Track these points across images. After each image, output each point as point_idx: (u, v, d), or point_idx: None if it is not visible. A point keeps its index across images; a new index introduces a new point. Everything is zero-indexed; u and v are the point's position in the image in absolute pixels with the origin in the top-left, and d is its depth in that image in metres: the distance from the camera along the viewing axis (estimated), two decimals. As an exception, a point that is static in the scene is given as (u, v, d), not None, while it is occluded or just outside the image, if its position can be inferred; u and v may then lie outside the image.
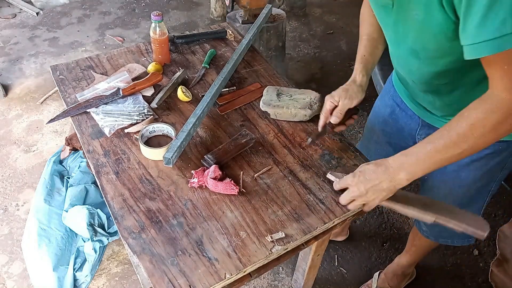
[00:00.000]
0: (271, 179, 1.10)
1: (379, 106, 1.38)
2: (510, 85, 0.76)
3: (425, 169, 0.90)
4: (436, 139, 0.87)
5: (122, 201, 1.03)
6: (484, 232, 0.95)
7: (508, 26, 0.69)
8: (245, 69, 1.48)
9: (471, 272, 1.90)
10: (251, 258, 0.92)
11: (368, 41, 1.16)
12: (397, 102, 1.26)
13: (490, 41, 0.72)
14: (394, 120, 1.28)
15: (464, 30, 0.75)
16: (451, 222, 0.97)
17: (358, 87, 1.13)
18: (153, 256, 0.92)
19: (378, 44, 1.16)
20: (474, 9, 0.71)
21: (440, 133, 0.88)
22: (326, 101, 1.14)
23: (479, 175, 1.16)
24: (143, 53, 1.51)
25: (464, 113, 0.84)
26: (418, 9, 0.83)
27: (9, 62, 2.92)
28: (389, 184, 0.94)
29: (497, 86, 0.78)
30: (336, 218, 1.02)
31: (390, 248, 1.97)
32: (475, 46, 0.74)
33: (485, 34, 0.72)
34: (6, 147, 2.32)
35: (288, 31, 3.39)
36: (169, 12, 3.57)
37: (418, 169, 0.91)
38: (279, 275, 1.83)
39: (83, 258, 1.77)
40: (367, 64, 1.15)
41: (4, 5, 3.50)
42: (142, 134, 1.15)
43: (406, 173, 0.92)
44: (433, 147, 0.87)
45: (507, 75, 0.76)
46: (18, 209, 2.02)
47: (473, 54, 0.76)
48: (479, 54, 0.75)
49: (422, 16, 0.83)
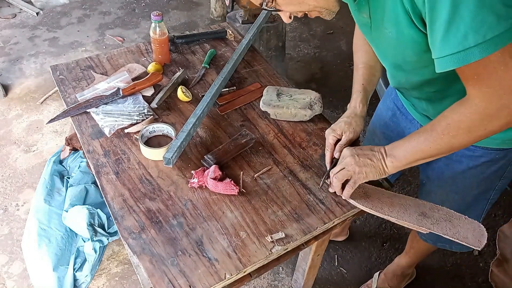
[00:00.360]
0: (271, 179, 1.10)
1: (381, 109, 1.38)
2: (481, 94, 0.78)
3: (409, 160, 0.95)
4: (420, 134, 0.92)
5: (122, 201, 1.03)
6: (479, 246, 0.97)
7: (470, 40, 0.70)
8: (245, 69, 1.48)
9: (471, 272, 1.90)
10: (251, 258, 0.92)
11: (366, 69, 1.16)
12: (398, 105, 1.26)
13: (454, 54, 0.73)
14: (395, 124, 1.29)
15: (431, 44, 0.77)
16: (447, 235, 0.98)
17: (360, 118, 1.13)
18: (153, 256, 0.92)
19: (375, 72, 1.17)
20: (437, 24, 0.72)
21: (424, 128, 0.92)
22: (328, 136, 1.11)
23: (476, 183, 1.16)
24: (143, 53, 1.51)
25: (445, 113, 0.88)
26: (390, 27, 0.85)
27: (9, 62, 2.92)
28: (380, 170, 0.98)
29: (471, 93, 0.81)
30: (336, 218, 1.02)
31: (390, 248, 1.97)
32: (442, 60, 0.76)
33: (448, 48, 0.73)
34: (6, 147, 2.32)
35: (288, 31, 3.39)
36: (169, 12, 3.57)
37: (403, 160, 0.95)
38: (279, 275, 1.83)
39: (83, 258, 1.77)
40: (366, 93, 1.16)
41: (4, 5, 3.50)
42: (142, 134, 1.15)
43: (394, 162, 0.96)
44: (417, 141, 0.92)
45: (477, 84, 0.78)
46: (18, 209, 2.02)
47: (441, 67, 0.77)
48: (446, 67, 0.76)
49: (394, 34, 0.85)
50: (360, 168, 0.99)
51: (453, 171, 1.16)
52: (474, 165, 1.11)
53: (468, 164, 1.11)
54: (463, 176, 1.15)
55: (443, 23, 0.71)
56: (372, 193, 1.07)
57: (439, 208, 1.04)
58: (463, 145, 0.88)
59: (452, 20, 0.70)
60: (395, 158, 0.96)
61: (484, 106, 0.79)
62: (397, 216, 1.01)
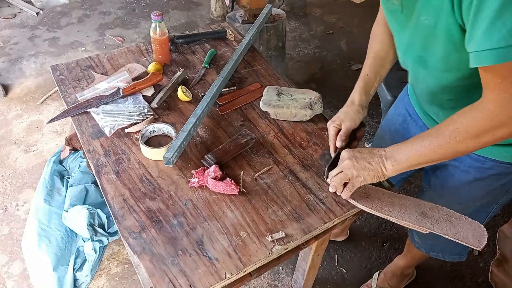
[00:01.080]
0: (271, 179, 1.10)
1: (392, 114, 1.36)
2: (498, 99, 0.77)
3: (411, 164, 0.93)
4: (425, 138, 0.90)
5: (123, 201, 1.03)
6: (479, 246, 0.97)
7: None
8: (245, 69, 1.48)
9: (471, 272, 1.90)
10: (252, 258, 0.92)
11: (374, 60, 1.16)
12: (410, 111, 1.25)
13: (495, 50, 0.70)
14: (405, 130, 1.27)
15: (470, 37, 0.74)
16: (447, 235, 0.98)
17: (357, 107, 1.13)
18: (153, 256, 0.92)
19: (385, 63, 1.16)
20: (482, 14, 0.69)
21: (429, 132, 0.90)
22: (329, 127, 1.13)
23: (480, 195, 1.15)
24: (143, 53, 1.51)
25: (453, 116, 0.86)
26: (428, 14, 0.82)
27: (9, 62, 2.92)
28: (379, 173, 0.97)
29: (487, 97, 0.79)
30: (336, 218, 1.02)
31: (390, 248, 1.97)
32: (479, 54, 0.73)
33: (490, 42, 0.70)
34: (6, 147, 2.32)
35: (288, 31, 3.39)
36: (169, 12, 3.58)
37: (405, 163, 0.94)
38: (279, 275, 1.83)
39: (83, 258, 1.77)
40: (368, 83, 1.15)
41: (4, 5, 3.50)
42: (142, 134, 1.15)
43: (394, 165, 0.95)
44: (420, 144, 0.90)
45: (498, 88, 0.76)
46: (18, 209, 2.02)
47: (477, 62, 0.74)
48: (483, 62, 0.73)
49: (432, 21, 0.82)
50: (358, 171, 0.97)
51: (458, 181, 1.14)
52: (482, 177, 1.09)
53: (476, 175, 1.09)
54: (469, 187, 1.13)
55: (489, 14, 0.68)
56: (372, 193, 1.07)
57: (439, 208, 1.04)
58: (468, 150, 0.87)
59: (500, 12, 0.67)
60: (396, 161, 0.94)
61: (498, 112, 0.77)
62: (397, 216, 1.01)
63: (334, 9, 3.74)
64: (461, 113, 0.85)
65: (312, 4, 3.78)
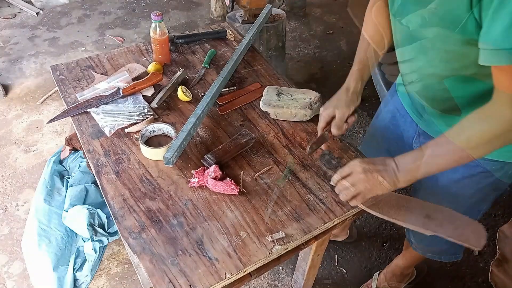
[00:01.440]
0: (271, 179, 1.10)
1: (382, 111, 1.37)
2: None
3: (423, 173, 0.92)
4: (435, 146, 0.89)
5: (122, 201, 1.03)
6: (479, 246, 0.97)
7: None
8: (245, 69, 1.48)
9: (471, 272, 1.90)
10: (252, 258, 0.92)
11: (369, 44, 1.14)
12: (398, 107, 1.25)
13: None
14: (394, 126, 1.28)
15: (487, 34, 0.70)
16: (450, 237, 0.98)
17: (352, 94, 1.12)
18: (153, 256, 0.92)
19: (379, 48, 1.15)
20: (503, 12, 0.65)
21: (439, 140, 0.89)
22: (321, 115, 1.12)
23: (470, 193, 1.15)
24: (143, 53, 1.51)
25: (464, 123, 0.84)
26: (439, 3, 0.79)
27: (9, 62, 2.92)
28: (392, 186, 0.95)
29: (501, 98, 0.76)
30: (336, 218, 1.02)
31: (390, 248, 1.97)
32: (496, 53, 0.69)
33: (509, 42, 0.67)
34: (6, 147, 2.32)
35: (288, 31, 3.39)
36: (169, 12, 3.57)
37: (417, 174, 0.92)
38: (279, 275, 1.83)
39: (83, 258, 1.77)
40: (364, 68, 1.14)
41: (4, 5, 3.50)
42: (142, 134, 1.15)
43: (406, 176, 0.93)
44: (431, 154, 0.89)
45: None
46: (18, 209, 2.01)
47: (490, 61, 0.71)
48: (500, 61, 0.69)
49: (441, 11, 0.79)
50: (372, 186, 0.95)
51: (448, 180, 1.14)
52: (470, 175, 1.09)
53: (464, 173, 1.09)
54: (458, 185, 1.14)
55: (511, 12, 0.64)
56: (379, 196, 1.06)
57: (442, 208, 1.03)
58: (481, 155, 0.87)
59: None
60: (409, 172, 0.92)
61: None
62: (404, 219, 1.00)
63: (334, 9, 3.74)
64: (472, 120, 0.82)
65: (312, 4, 3.78)
